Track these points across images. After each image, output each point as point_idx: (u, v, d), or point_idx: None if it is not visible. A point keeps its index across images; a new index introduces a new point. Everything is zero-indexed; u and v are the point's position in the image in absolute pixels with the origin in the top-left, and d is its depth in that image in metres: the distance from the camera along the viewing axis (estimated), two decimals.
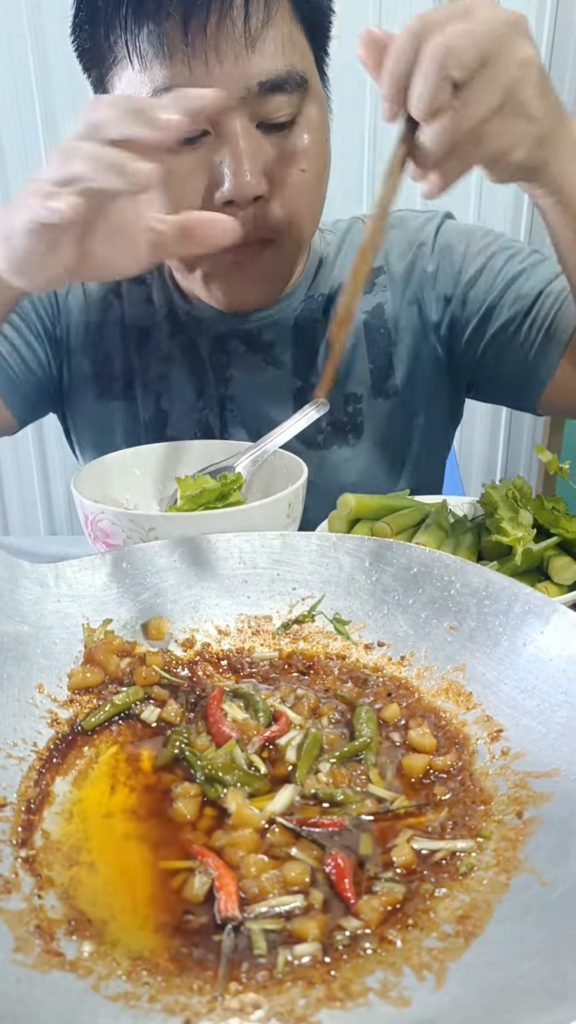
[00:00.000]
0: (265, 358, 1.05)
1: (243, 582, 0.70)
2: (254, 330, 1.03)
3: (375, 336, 1.05)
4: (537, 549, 0.72)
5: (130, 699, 0.60)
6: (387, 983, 0.37)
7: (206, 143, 0.82)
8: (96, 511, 0.75)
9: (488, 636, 0.59)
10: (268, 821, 0.48)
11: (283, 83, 0.81)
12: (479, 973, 0.36)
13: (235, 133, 0.81)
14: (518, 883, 0.42)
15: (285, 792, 0.51)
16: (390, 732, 0.57)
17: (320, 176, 0.90)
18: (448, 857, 0.45)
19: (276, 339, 1.04)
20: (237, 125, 0.81)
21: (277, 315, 1.03)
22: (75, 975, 0.38)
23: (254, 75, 0.79)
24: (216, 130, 0.81)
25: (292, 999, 0.37)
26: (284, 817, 0.49)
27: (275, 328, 1.03)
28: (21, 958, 0.38)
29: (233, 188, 0.81)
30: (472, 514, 0.83)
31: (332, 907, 0.43)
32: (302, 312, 1.04)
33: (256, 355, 1.05)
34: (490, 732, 0.54)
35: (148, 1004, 0.37)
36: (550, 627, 0.56)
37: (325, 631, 0.67)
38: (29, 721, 0.57)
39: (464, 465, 2.46)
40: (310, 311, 1.04)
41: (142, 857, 0.47)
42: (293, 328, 1.04)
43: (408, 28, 0.61)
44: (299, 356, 1.05)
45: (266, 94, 0.80)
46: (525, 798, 0.47)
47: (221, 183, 0.82)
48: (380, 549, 0.68)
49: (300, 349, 1.05)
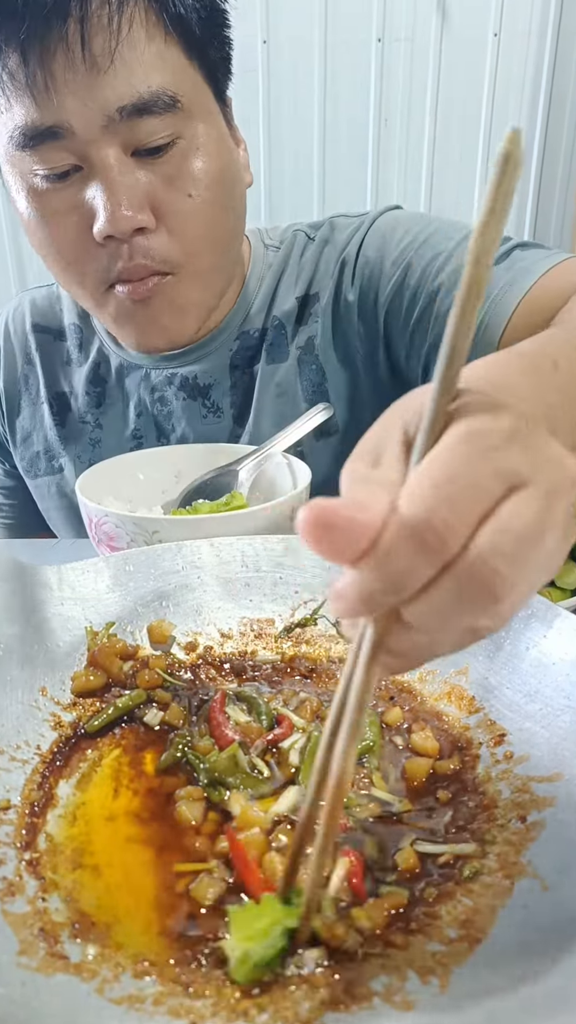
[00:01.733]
0: (205, 403, 1.02)
1: (246, 585, 0.70)
2: (190, 375, 1.00)
3: (308, 372, 0.99)
4: None
5: (133, 702, 0.60)
6: (391, 987, 0.37)
7: (77, 178, 0.79)
8: (100, 514, 0.75)
9: (491, 640, 0.59)
10: (273, 823, 0.48)
11: (149, 105, 0.75)
12: (483, 978, 0.36)
13: (105, 164, 0.77)
14: (521, 887, 0.42)
15: (290, 793, 0.51)
16: (393, 736, 0.57)
17: (217, 199, 0.84)
18: (451, 861, 0.45)
19: (213, 382, 1.00)
20: (107, 155, 0.76)
21: (210, 353, 0.99)
22: (79, 978, 0.38)
23: (111, 101, 0.74)
24: (86, 163, 0.78)
25: (296, 1002, 0.37)
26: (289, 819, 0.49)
27: (211, 370, 1.00)
28: (25, 961, 0.38)
29: (107, 222, 0.77)
30: None
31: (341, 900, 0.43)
32: (237, 351, 0.99)
33: (195, 401, 1.02)
34: (493, 736, 0.54)
35: (152, 1007, 0.37)
36: (553, 631, 0.56)
37: (327, 635, 0.67)
38: (32, 724, 0.57)
39: None
40: (245, 349, 0.99)
41: (146, 860, 0.47)
42: (229, 368, 1.00)
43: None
44: (237, 400, 1.01)
45: (132, 119, 0.75)
46: (528, 802, 0.47)
47: (97, 218, 0.78)
48: None
49: (238, 392, 1.01)
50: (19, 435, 1.12)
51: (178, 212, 0.81)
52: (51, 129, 0.75)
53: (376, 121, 2.21)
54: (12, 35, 0.72)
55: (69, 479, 1.08)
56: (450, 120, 2.22)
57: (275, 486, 0.91)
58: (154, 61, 0.76)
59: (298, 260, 1.01)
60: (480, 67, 2.17)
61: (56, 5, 0.71)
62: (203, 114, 0.81)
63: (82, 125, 0.75)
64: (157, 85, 0.76)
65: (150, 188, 0.79)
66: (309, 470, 0.85)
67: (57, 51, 0.72)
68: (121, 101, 0.74)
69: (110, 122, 0.75)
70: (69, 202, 0.80)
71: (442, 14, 2.08)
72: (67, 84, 0.73)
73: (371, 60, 2.16)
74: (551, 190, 2.31)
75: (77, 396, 1.07)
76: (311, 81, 2.18)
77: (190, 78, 0.79)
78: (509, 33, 2.13)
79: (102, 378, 1.06)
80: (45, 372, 1.09)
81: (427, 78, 2.18)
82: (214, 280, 0.91)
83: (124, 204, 0.77)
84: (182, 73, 0.78)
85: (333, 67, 2.16)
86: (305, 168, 2.27)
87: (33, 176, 0.80)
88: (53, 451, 1.09)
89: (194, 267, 0.86)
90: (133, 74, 0.75)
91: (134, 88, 0.75)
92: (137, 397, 1.04)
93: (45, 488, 1.11)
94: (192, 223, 0.83)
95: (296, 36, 2.13)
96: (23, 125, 0.76)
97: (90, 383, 1.06)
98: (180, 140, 0.79)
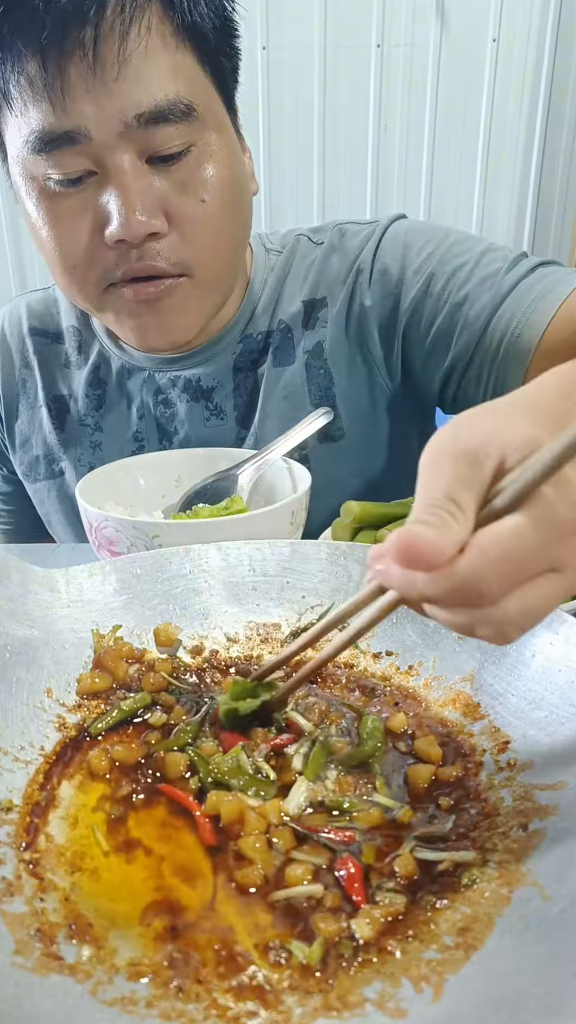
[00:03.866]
0: (208, 406, 1.02)
1: (252, 589, 0.70)
2: (193, 378, 1.01)
3: (316, 377, 0.99)
4: None
5: (137, 705, 0.60)
6: (385, 994, 0.37)
7: (92, 183, 0.80)
8: (100, 518, 0.75)
9: (496, 647, 0.59)
10: (275, 825, 0.48)
11: (166, 113, 0.76)
12: (477, 987, 0.36)
13: (120, 170, 0.77)
14: (520, 896, 0.41)
15: (298, 789, 0.51)
16: (397, 742, 0.57)
17: (227, 205, 0.85)
18: (451, 869, 0.45)
19: (216, 385, 1.01)
20: (122, 161, 0.77)
21: (214, 356, 1.00)
22: (74, 979, 0.38)
23: (129, 107, 0.75)
24: (101, 169, 0.78)
25: (289, 1008, 0.37)
26: (296, 823, 0.49)
27: (215, 373, 1.00)
28: (20, 960, 0.39)
29: (121, 227, 0.78)
30: None
31: (341, 910, 0.43)
32: (240, 354, 1.00)
33: (198, 404, 1.02)
34: (497, 743, 0.54)
35: (145, 1010, 0.37)
36: (559, 638, 0.55)
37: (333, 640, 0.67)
38: (37, 725, 0.57)
39: None
40: (248, 352, 1.00)
41: (144, 863, 0.47)
42: (233, 371, 1.00)
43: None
44: (240, 402, 1.01)
45: (149, 126, 0.76)
46: (530, 810, 0.47)
47: (110, 222, 0.79)
48: None
49: (241, 394, 1.01)
50: (18, 439, 1.12)
51: (190, 217, 0.82)
52: (68, 134, 0.76)
53: (375, 126, 2.22)
54: (32, 40, 0.73)
55: (70, 482, 1.09)
56: (449, 124, 2.22)
57: (275, 490, 0.91)
58: (170, 69, 0.77)
59: (302, 263, 1.01)
60: (479, 72, 2.17)
61: (75, 11, 0.72)
62: (215, 123, 0.82)
63: (99, 131, 0.76)
64: (174, 93, 0.77)
65: (163, 194, 0.80)
66: (309, 474, 0.85)
67: (76, 57, 0.73)
68: (139, 108, 0.75)
69: (127, 129, 0.76)
70: (82, 205, 0.81)
71: (441, 19, 2.09)
72: (86, 90, 0.74)
73: (370, 65, 2.17)
74: (550, 196, 2.30)
75: (77, 399, 1.07)
76: (311, 86, 2.19)
77: (204, 87, 0.81)
78: (508, 38, 2.13)
79: (102, 380, 1.06)
80: (43, 376, 1.09)
81: (426, 83, 2.18)
82: (221, 285, 0.91)
83: (139, 209, 0.78)
84: (197, 82, 0.79)
85: (332, 72, 2.17)
86: (305, 173, 2.28)
87: (47, 180, 0.80)
88: (53, 455, 1.09)
89: (204, 271, 0.86)
90: (151, 82, 0.75)
91: (152, 96, 0.75)
92: (140, 399, 1.04)
93: (45, 492, 1.12)
94: (204, 228, 0.83)
95: (296, 42, 2.14)
96: (40, 129, 0.77)
97: (90, 385, 1.06)
98: (194, 148, 0.80)
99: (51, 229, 0.83)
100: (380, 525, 0.81)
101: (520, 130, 2.22)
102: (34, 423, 1.10)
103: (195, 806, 0.50)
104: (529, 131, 2.22)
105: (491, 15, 2.11)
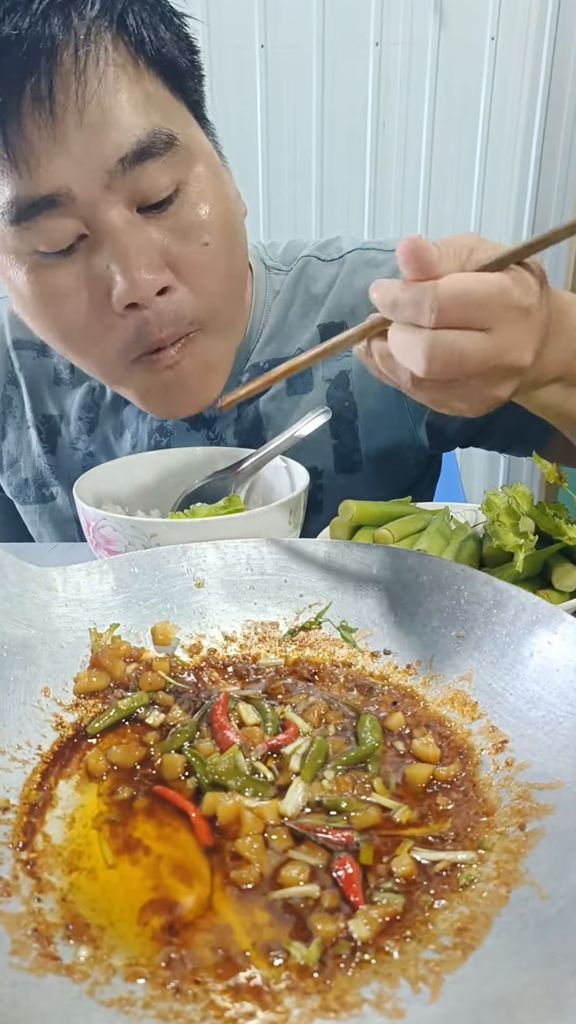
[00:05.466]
0: (209, 435, 0.97)
1: (250, 588, 0.70)
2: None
3: (339, 408, 0.95)
4: (538, 555, 0.72)
5: (135, 704, 0.60)
6: (382, 995, 0.37)
7: (83, 248, 0.74)
8: (98, 518, 0.75)
9: (495, 645, 0.59)
10: (272, 825, 0.48)
11: (149, 149, 0.71)
12: (474, 987, 0.36)
13: (114, 227, 0.72)
14: (518, 896, 0.41)
15: (296, 790, 0.50)
16: (394, 741, 0.56)
17: (229, 240, 0.80)
18: (449, 868, 0.45)
19: (219, 415, 0.96)
20: (114, 217, 0.71)
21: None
22: (71, 979, 0.38)
23: (109, 153, 0.69)
24: (92, 229, 0.72)
25: (287, 1008, 0.37)
26: (293, 823, 0.49)
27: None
28: (17, 961, 0.39)
29: (128, 289, 0.73)
30: (474, 521, 0.83)
31: (339, 910, 0.43)
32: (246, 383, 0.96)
33: (199, 433, 0.97)
34: (495, 743, 0.54)
35: (142, 1010, 0.37)
36: (557, 637, 0.55)
37: (332, 638, 0.67)
38: (34, 724, 0.57)
39: (466, 472, 2.46)
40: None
41: (142, 864, 0.47)
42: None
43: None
44: (242, 431, 0.97)
45: (134, 167, 0.71)
46: (528, 810, 0.47)
47: (114, 287, 0.73)
48: (388, 557, 0.68)
49: (243, 424, 0.97)
50: (5, 459, 1.06)
51: (196, 264, 0.77)
52: (49, 198, 0.70)
53: (374, 125, 2.22)
54: None
55: (62, 508, 1.04)
56: (448, 123, 2.22)
57: (273, 490, 0.91)
58: (142, 101, 0.71)
59: (313, 285, 0.96)
60: (478, 71, 2.17)
61: (25, 64, 0.66)
62: (198, 150, 0.77)
63: (83, 187, 0.70)
64: (153, 125, 0.72)
65: (163, 245, 0.75)
66: (307, 473, 0.85)
67: (36, 113, 0.67)
68: (120, 151, 0.70)
69: (112, 178, 0.70)
70: (77, 276, 0.75)
71: (439, 18, 2.08)
72: (60, 147, 0.68)
73: (369, 64, 2.16)
74: (548, 193, 2.30)
75: (68, 420, 1.02)
76: (309, 85, 2.18)
77: (179, 113, 0.76)
78: (506, 36, 2.13)
79: (95, 403, 1.01)
80: (31, 393, 1.03)
81: (425, 82, 2.18)
82: (234, 326, 0.87)
83: (143, 267, 0.73)
84: (171, 109, 0.75)
85: (331, 71, 2.16)
86: (303, 172, 2.28)
87: (33, 254, 0.75)
88: (43, 479, 1.04)
89: (219, 319, 0.82)
90: (123, 119, 0.70)
91: (129, 133, 0.70)
92: (135, 426, 1.00)
93: (36, 515, 1.07)
94: (212, 273, 0.79)
95: (293, 40, 2.13)
96: (15, 198, 0.70)
97: (83, 408, 1.01)
98: (184, 187, 0.75)
99: (49, 308, 0.78)
100: (378, 524, 0.81)
101: (518, 128, 2.22)
102: (22, 444, 1.04)
103: (191, 807, 0.50)
104: (527, 129, 2.22)
105: (489, 13, 2.11)
